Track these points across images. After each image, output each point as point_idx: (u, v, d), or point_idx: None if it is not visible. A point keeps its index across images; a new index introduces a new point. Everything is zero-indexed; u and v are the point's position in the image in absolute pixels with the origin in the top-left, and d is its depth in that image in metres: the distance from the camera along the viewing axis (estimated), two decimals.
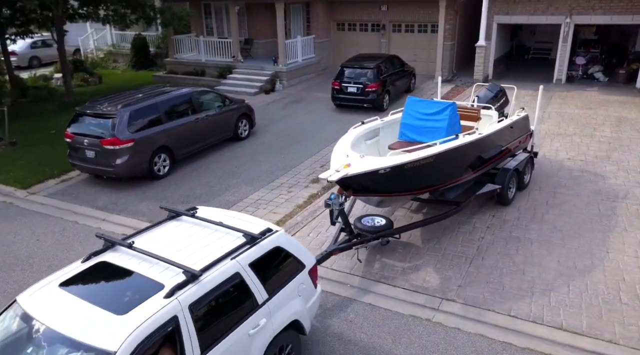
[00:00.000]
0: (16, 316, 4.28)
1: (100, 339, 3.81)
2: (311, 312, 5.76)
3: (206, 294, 4.47)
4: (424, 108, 9.01)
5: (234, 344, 4.64)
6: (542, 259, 7.71)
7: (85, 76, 22.72)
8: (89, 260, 4.88)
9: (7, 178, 11.52)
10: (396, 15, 21.21)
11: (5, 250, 8.48)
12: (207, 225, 5.41)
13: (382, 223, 7.83)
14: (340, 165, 7.12)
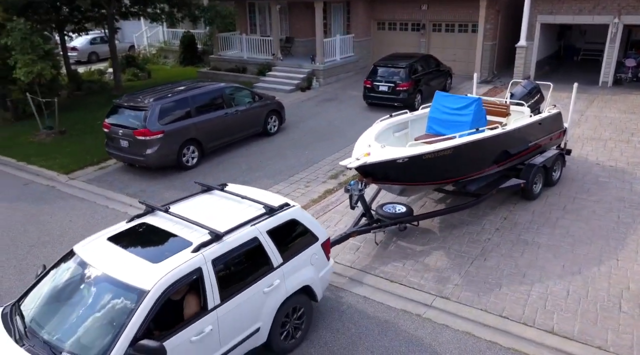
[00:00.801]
0: (73, 261, 5.20)
1: (139, 280, 4.63)
2: (323, 282, 6.33)
3: (227, 252, 5.18)
4: (450, 103, 9.28)
5: (250, 298, 5.33)
6: (547, 263, 7.61)
7: (136, 71, 23.92)
8: (132, 221, 5.73)
9: (52, 164, 12.49)
10: (436, 15, 21.03)
11: (42, 229, 9.28)
12: (234, 198, 6.16)
13: (402, 210, 8.27)
14: (361, 153, 7.53)
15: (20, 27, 13.86)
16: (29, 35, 14.01)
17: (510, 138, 8.94)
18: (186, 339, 4.74)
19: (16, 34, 13.87)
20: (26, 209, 10.11)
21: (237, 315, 5.22)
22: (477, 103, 8.99)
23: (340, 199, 10.01)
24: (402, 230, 8.52)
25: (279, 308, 5.65)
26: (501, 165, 9.12)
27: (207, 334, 4.90)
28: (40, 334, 4.54)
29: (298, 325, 6.07)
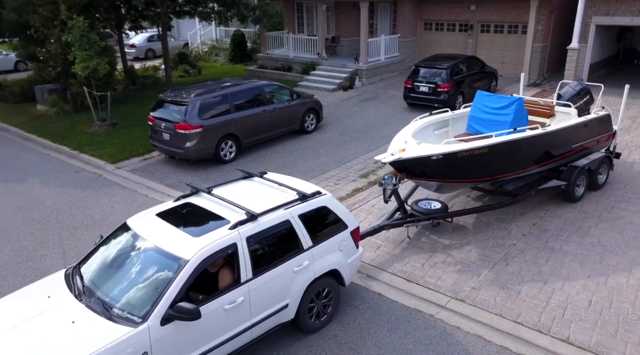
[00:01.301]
0: (125, 232, 5.82)
1: (180, 251, 5.19)
2: (352, 268, 6.66)
3: (261, 231, 5.64)
4: (491, 102, 9.31)
5: (280, 275, 5.75)
6: (572, 271, 7.40)
7: (187, 68, 24.87)
8: (178, 201, 6.32)
9: (102, 153, 13.28)
10: (485, 15, 20.57)
11: (85, 213, 9.95)
12: (271, 184, 6.65)
13: (437, 207, 8.44)
14: (396, 149, 7.75)
15: (79, 25, 14.79)
16: (87, 33, 14.93)
17: (551, 139, 8.84)
18: (220, 307, 5.22)
19: (76, 31, 14.82)
20: (74, 194, 10.84)
21: (267, 290, 5.65)
22: (518, 103, 8.98)
23: (367, 198, 10.10)
24: (435, 226, 8.73)
25: (307, 288, 6.04)
26: (542, 165, 9.07)
27: (238, 304, 5.37)
28: (96, 293, 5.18)
29: (325, 307, 6.43)
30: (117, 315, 4.86)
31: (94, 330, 4.70)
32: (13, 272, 7.77)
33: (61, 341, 4.58)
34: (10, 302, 5.33)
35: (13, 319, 4.94)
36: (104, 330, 4.69)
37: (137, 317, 4.81)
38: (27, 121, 16.79)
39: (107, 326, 4.73)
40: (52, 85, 18.10)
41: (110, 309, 4.92)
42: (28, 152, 13.99)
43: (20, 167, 12.64)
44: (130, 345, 4.63)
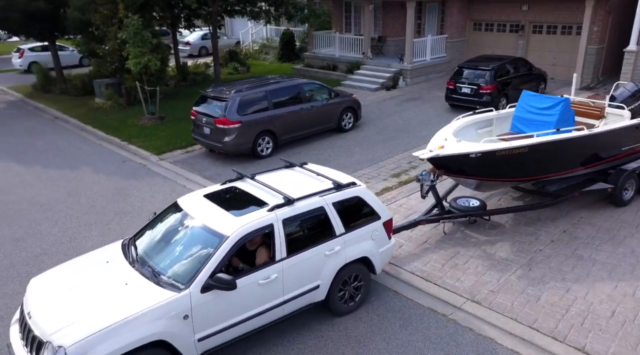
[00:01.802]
0: (175, 210, 6.41)
1: (222, 228, 5.70)
2: (383, 257, 6.96)
3: (296, 215, 6.06)
4: (537, 102, 9.26)
5: (312, 257, 6.12)
6: (598, 281, 7.16)
7: (236, 66, 25.60)
8: (224, 184, 6.88)
9: (148, 145, 14.01)
10: (537, 16, 19.91)
11: (127, 200, 10.57)
12: (310, 174, 7.05)
13: (475, 204, 8.57)
14: (436, 146, 7.89)
15: (133, 23, 15.63)
16: (140, 30, 15.76)
17: (597, 141, 8.70)
18: (255, 281, 5.67)
19: (130, 29, 15.67)
20: (119, 182, 11.53)
21: (300, 270, 6.03)
22: (565, 103, 8.85)
23: (395, 197, 10.13)
24: (472, 223, 8.83)
25: (338, 271, 6.38)
26: (588, 167, 8.98)
27: (272, 280, 5.79)
28: (147, 261, 5.77)
29: (356, 292, 6.73)
30: (164, 281, 5.40)
31: (143, 292, 5.25)
32: (57, 251, 8.42)
33: (115, 299, 5.16)
34: (75, 264, 6.06)
35: (77, 278, 5.64)
36: (152, 293, 5.23)
37: (181, 283, 5.32)
38: (85, 113, 17.90)
39: (155, 290, 5.27)
40: (109, 79, 19.18)
41: (158, 276, 5.48)
42: (83, 141, 14.95)
43: (75, 155, 13.55)
44: (174, 308, 5.15)
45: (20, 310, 5.51)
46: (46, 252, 8.37)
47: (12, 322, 5.60)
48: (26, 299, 5.47)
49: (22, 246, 8.60)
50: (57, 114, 18.21)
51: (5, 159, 13.31)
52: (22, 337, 5.18)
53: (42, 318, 5.04)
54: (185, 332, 5.25)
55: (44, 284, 5.64)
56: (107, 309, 5.03)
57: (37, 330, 4.93)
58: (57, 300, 5.27)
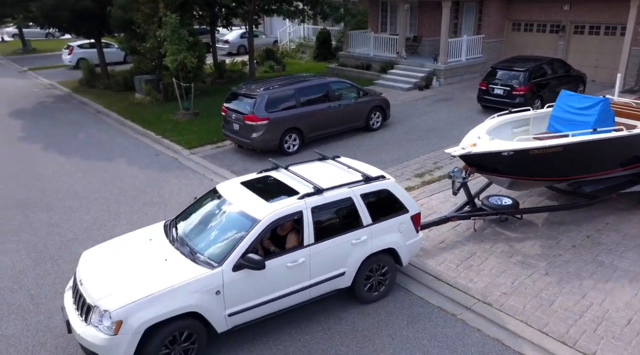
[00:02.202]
0: (214, 195, 6.91)
1: (255, 212, 6.10)
2: (410, 250, 7.16)
3: (325, 204, 6.36)
4: (575, 102, 9.21)
5: (339, 245, 6.41)
6: (617, 288, 6.98)
7: (272, 64, 25.99)
8: (260, 173, 7.29)
9: (181, 139, 14.49)
10: (579, 16, 19.30)
11: (156, 191, 11.00)
12: (341, 166, 7.34)
13: (508, 203, 8.65)
14: (468, 143, 7.97)
15: (171, 21, 16.18)
16: (177, 29, 16.29)
17: (637, 142, 8.55)
18: (283, 263, 6.02)
19: (168, 27, 16.23)
20: (151, 175, 12.01)
21: (326, 256, 6.32)
22: (604, 103, 8.76)
23: (417, 197, 10.12)
24: (503, 221, 8.85)
25: (363, 260, 6.62)
26: (628, 168, 8.87)
27: (299, 264, 6.12)
28: (185, 240, 6.25)
29: (381, 281, 6.95)
30: (199, 259, 5.84)
31: (181, 267, 5.72)
32: (87, 237, 8.90)
33: (155, 273, 5.65)
34: (122, 240, 6.62)
35: (123, 253, 6.23)
36: (188, 269, 5.69)
37: (214, 262, 5.75)
38: (125, 107, 18.65)
39: (191, 266, 5.73)
40: (149, 76, 19.91)
41: (194, 254, 5.92)
42: (121, 134, 15.61)
43: (113, 147, 14.18)
44: (207, 283, 5.59)
45: (73, 278, 6.08)
46: (77, 238, 8.86)
47: (66, 289, 6.19)
48: (79, 268, 6.05)
49: (56, 231, 9.13)
50: (99, 108, 19.06)
51: (50, 149, 14.08)
52: (74, 302, 5.79)
53: (91, 286, 5.60)
54: (217, 307, 5.66)
55: (94, 256, 6.25)
56: (148, 280, 5.52)
57: (87, 296, 5.51)
58: (104, 271, 5.84)
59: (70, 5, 19.01)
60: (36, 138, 15.14)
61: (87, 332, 5.34)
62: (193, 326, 5.62)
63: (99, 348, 5.25)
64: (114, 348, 5.21)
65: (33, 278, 7.63)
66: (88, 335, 5.31)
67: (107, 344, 5.20)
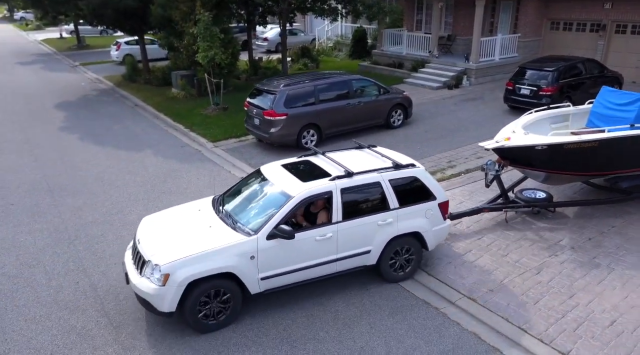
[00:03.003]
0: (257, 175, 7.66)
1: (290, 189, 6.76)
2: (437, 236, 7.54)
3: (354, 186, 6.91)
4: (616, 98, 9.34)
5: (365, 225, 6.92)
6: (608, 290, 6.88)
7: (307, 62, 26.37)
8: (300, 157, 7.89)
9: (207, 133, 15.10)
10: (622, 14, 18.56)
11: (175, 181, 11.57)
12: (375, 154, 7.84)
13: (541, 196, 8.92)
14: (502, 137, 8.29)
15: (204, 19, 16.84)
16: (209, 26, 16.93)
17: None
18: (312, 236, 6.64)
19: (201, 25, 16.91)
20: (173, 165, 12.64)
21: (353, 234, 6.87)
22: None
23: None
24: (536, 213, 9.06)
25: (389, 241, 7.10)
26: None
27: (327, 238, 6.71)
28: (228, 211, 7.02)
29: (407, 263, 7.40)
30: (239, 227, 6.56)
31: (222, 233, 6.47)
32: (105, 221, 9.55)
33: (200, 237, 6.43)
34: (175, 210, 7.47)
35: (175, 219, 7.08)
36: (228, 235, 6.44)
37: (251, 230, 6.45)
38: (161, 101, 19.54)
39: (231, 233, 6.47)
40: (185, 71, 20.73)
41: (235, 223, 6.65)
42: (153, 127, 16.42)
43: (143, 139, 14.97)
44: (244, 248, 6.29)
45: (133, 238, 6.97)
46: (96, 221, 9.53)
47: (127, 248, 7.09)
48: (138, 230, 6.98)
49: (78, 214, 9.84)
50: (137, 101, 20.06)
51: (86, 139, 15.02)
52: (132, 258, 6.68)
53: (146, 244, 6.48)
54: (251, 270, 6.35)
55: (151, 221, 7.16)
56: (193, 242, 6.30)
57: (143, 252, 6.37)
58: (158, 233, 6.71)
59: (114, 4, 20.07)
60: (75, 128, 16.17)
61: (141, 283, 6.17)
62: (230, 287, 6.32)
63: (150, 296, 6.06)
64: (161, 297, 6.00)
65: (50, 256, 8.31)
66: (142, 286, 6.14)
67: (157, 293, 6.00)
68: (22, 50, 38.91)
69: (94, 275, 7.65)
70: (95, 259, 8.14)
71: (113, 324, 6.55)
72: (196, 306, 6.17)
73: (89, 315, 6.73)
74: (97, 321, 6.62)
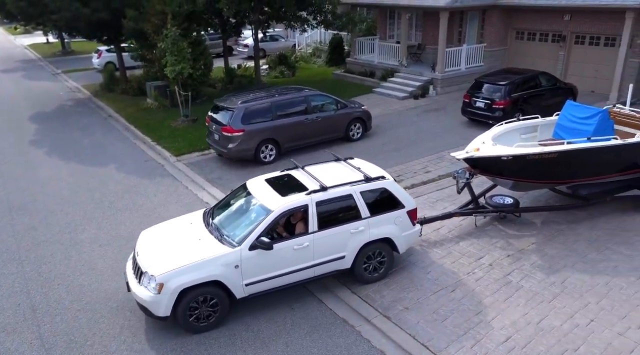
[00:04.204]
0: (243, 189, 8.39)
1: (270, 204, 7.51)
2: (407, 240, 8.34)
3: (328, 199, 7.64)
4: (578, 112, 10.10)
5: (339, 233, 7.69)
6: (511, 307, 7.39)
7: (283, 70, 26.76)
8: (283, 172, 8.65)
9: (172, 146, 15.52)
10: (580, 26, 19.08)
11: (132, 198, 12.01)
12: (350, 167, 8.56)
13: (509, 202, 9.67)
14: (472, 148, 9.11)
15: (171, 34, 17.26)
16: (177, 41, 17.35)
17: (632, 150, 9.32)
18: (290, 246, 7.39)
19: (168, 40, 17.33)
20: (133, 181, 13.07)
21: (328, 242, 7.62)
22: (602, 114, 9.65)
23: None
24: (502, 218, 9.88)
25: (361, 247, 7.86)
26: (626, 174, 9.70)
27: (304, 247, 7.46)
28: (217, 224, 7.78)
29: (380, 264, 8.19)
30: (225, 239, 7.32)
31: (210, 246, 7.24)
32: (56, 240, 9.99)
33: (191, 249, 7.20)
34: (171, 223, 8.26)
35: (169, 232, 7.86)
36: (215, 247, 7.20)
37: (235, 242, 7.19)
38: (134, 112, 19.92)
39: (218, 245, 7.23)
40: (159, 82, 21.13)
41: (222, 236, 7.41)
42: (122, 140, 16.81)
43: (110, 153, 15.37)
44: (229, 259, 7.05)
45: (133, 251, 7.74)
46: (48, 241, 9.96)
47: (128, 259, 7.87)
48: (137, 243, 7.76)
49: (32, 234, 10.27)
50: (111, 112, 20.45)
51: (53, 153, 15.43)
52: (133, 268, 7.43)
53: (143, 256, 7.28)
54: (236, 278, 7.11)
55: (148, 234, 7.94)
56: (184, 254, 7.08)
57: (141, 264, 7.15)
58: (154, 246, 7.50)
59: (87, 18, 20.43)
60: (44, 142, 16.57)
61: (139, 291, 6.97)
62: (217, 293, 7.07)
63: (148, 303, 6.87)
64: (157, 303, 6.81)
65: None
66: (140, 294, 6.94)
67: (153, 300, 6.81)
68: (6, 56, 39.24)
69: (36, 297, 8.11)
70: (41, 280, 8.59)
71: (45, 346, 7.01)
72: (187, 310, 6.95)
73: (24, 338, 7.19)
74: (30, 343, 7.07)
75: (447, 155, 13.75)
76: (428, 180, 12.18)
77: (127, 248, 9.46)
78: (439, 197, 11.19)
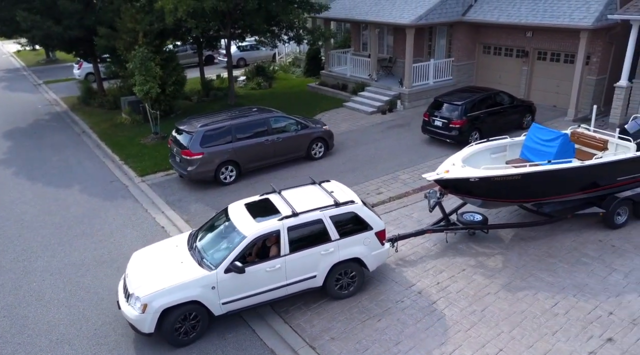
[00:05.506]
0: (224, 214, 9.04)
1: (245, 230, 8.19)
2: (377, 259, 8.97)
3: (299, 224, 8.30)
4: (541, 134, 10.77)
5: (310, 255, 8.35)
6: (429, 338, 7.80)
7: (260, 81, 27.09)
8: (262, 196, 9.28)
9: (137, 166, 15.85)
10: (541, 43, 19.55)
11: (91, 222, 12.36)
12: (322, 191, 9.14)
13: (478, 219, 10.27)
14: (442, 170, 9.76)
15: (139, 55, 17.59)
16: (145, 60, 17.69)
17: (589, 171, 9.96)
18: (263, 268, 8.09)
19: (137, 60, 17.66)
20: (95, 204, 13.41)
21: (299, 263, 8.27)
22: (563, 138, 10.35)
23: None
24: (471, 235, 10.58)
25: (332, 267, 8.53)
26: (586, 192, 10.34)
27: (276, 269, 8.16)
28: (199, 248, 8.48)
29: (350, 283, 8.84)
30: (203, 263, 8.05)
31: (190, 268, 7.98)
32: (9, 269, 10.34)
33: (174, 271, 7.95)
34: (159, 245, 9.03)
35: (156, 255, 8.59)
36: (194, 270, 7.94)
37: (212, 265, 7.93)
38: (107, 128, 20.23)
39: (197, 268, 7.97)
40: (134, 97, 21.43)
41: (201, 259, 8.15)
42: (91, 158, 17.12)
43: (76, 173, 15.70)
44: (207, 281, 7.80)
45: (124, 272, 8.54)
46: (2, 269, 10.30)
47: (121, 279, 8.64)
48: (128, 265, 8.51)
49: None
50: (85, 127, 20.77)
51: (21, 174, 15.74)
52: (123, 289, 8.15)
53: (131, 278, 8.06)
54: (213, 297, 7.83)
55: (138, 256, 8.67)
56: (167, 276, 7.84)
57: (129, 285, 7.92)
58: (141, 268, 8.25)
59: (59, 36, 20.74)
60: (14, 161, 16.88)
61: (127, 310, 7.73)
62: (197, 310, 7.81)
63: (134, 321, 7.64)
64: (142, 321, 7.56)
65: None
66: (128, 312, 7.71)
67: (138, 318, 7.56)
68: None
69: None
70: None
71: None
72: (171, 327, 7.66)
73: None
74: None
75: (401, 175, 14.19)
76: (378, 202, 12.58)
77: (76, 276, 9.83)
78: (386, 220, 11.60)
